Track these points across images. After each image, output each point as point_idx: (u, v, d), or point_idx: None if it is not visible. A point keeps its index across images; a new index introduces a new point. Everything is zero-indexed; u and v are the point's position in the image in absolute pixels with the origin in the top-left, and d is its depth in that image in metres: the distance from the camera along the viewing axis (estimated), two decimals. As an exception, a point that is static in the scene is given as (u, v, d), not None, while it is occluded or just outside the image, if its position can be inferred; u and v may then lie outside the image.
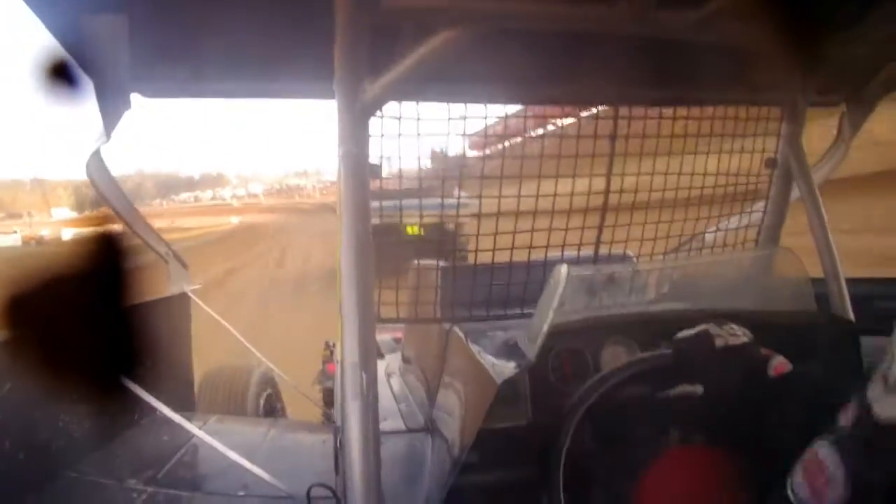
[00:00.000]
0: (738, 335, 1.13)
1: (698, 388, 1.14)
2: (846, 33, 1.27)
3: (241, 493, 1.32)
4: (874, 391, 0.77)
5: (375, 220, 1.23)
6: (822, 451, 0.77)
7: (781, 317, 1.28)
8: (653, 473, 1.16)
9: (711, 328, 1.13)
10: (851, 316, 1.39)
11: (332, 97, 0.96)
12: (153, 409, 1.38)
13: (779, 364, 1.08)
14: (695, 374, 1.15)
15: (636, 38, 1.19)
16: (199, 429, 1.39)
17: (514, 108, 1.31)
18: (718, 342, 1.12)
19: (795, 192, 1.50)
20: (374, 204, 1.24)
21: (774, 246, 1.45)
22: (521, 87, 1.30)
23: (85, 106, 1.26)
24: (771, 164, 1.48)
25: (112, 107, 1.29)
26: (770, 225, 1.47)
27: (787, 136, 1.49)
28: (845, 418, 0.80)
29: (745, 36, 1.21)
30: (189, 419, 1.43)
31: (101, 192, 1.48)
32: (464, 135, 1.27)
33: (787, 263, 1.33)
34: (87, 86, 1.24)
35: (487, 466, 1.19)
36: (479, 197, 1.26)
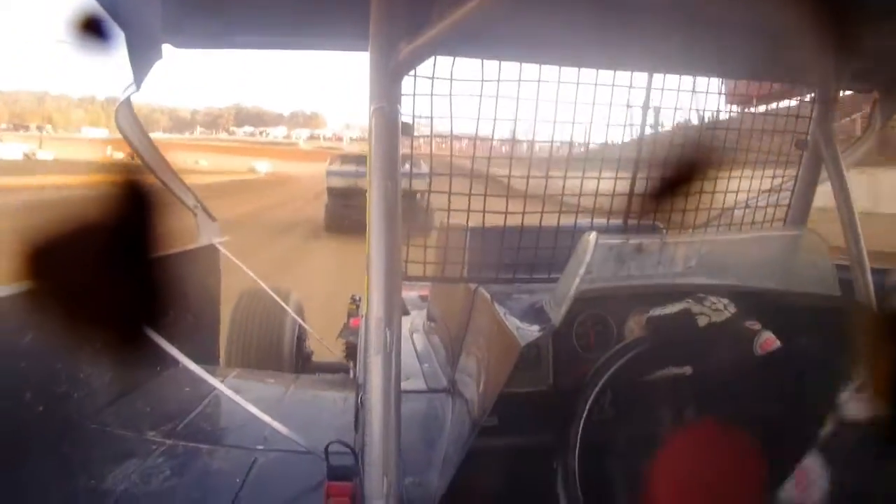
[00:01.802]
0: (721, 310, 1.12)
1: (686, 370, 1.14)
2: (883, 21, 1.25)
3: (260, 447, 1.33)
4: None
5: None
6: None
7: (804, 299, 1.28)
8: (669, 448, 1.17)
9: (693, 305, 1.13)
10: (874, 304, 1.39)
11: (367, 50, 0.95)
12: (176, 362, 1.39)
13: (766, 340, 1.08)
14: (680, 354, 1.15)
15: (675, 6, 1.18)
16: (221, 382, 1.40)
17: (548, 72, 1.29)
18: (701, 321, 1.12)
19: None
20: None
21: (802, 227, 1.44)
22: (558, 49, 1.29)
23: (116, 56, 1.26)
24: (801, 145, 1.48)
25: (143, 57, 1.29)
26: (798, 206, 1.46)
27: (819, 118, 1.48)
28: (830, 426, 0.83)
29: (782, 16, 1.20)
30: (212, 373, 1.44)
31: (131, 141, 1.48)
32: (497, 98, 1.26)
33: (813, 246, 1.33)
34: (119, 36, 1.24)
35: (506, 430, 1.20)
36: (510, 158, 1.25)
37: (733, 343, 1.08)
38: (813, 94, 1.50)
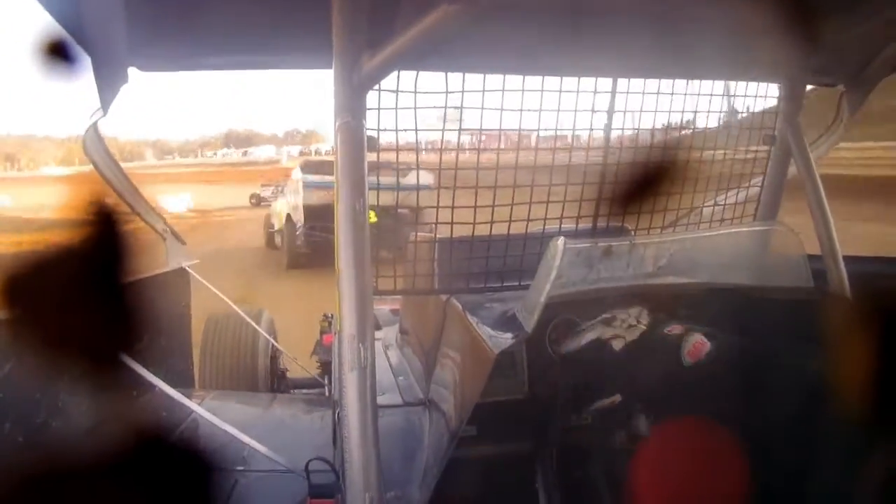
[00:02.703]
0: (635, 325, 1.12)
1: (616, 398, 1.16)
2: (847, 14, 1.26)
3: (240, 468, 1.32)
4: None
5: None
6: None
7: (777, 293, 1.29)
8: (646, 451, 1.17)
9: (604, 330, 1.13)
10: (848, 293, 1.39)
11: (331, 67, 0.95)
12: (153, 386, 1.38)
13: (694, 345, 1.08)
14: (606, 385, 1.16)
15: (638, 10, 1.19)
16: (198, 404, 1.39)
17: (512, 81, 1.30)
18: (617, 344, 1.12)
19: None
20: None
21: (772, 221, 1.45)
22: (521, 58, 1.30)
23: (82, 81, 1.26)
24: (769, 140, 1.49)
25: (109, 81, 1.29)
26: (767, 201, 1.47)
27: (786, 113, 1.49)
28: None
29: (746, 12, 1.21)
30: (188, 395, 1.43)
31: (98, 167, 1.48)
32: (461, 108, 1.27)
33: (784, 239, 1.33)
34: (85, 61, 1.24)
35: (485, 439, 1.20)
36: (476, 169, 1.26)
37: (660, 356, 1.09)
38: (779, 90, 1.52)
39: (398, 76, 1.23)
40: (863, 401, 0.80)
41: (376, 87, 1.19)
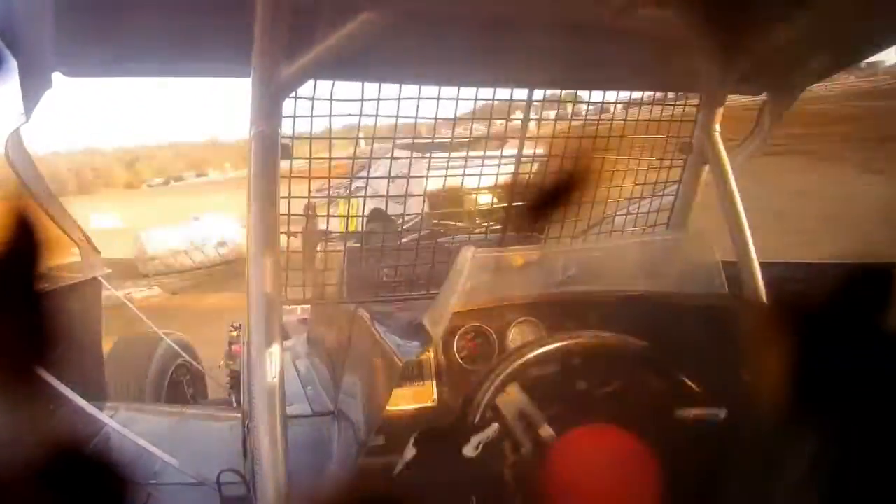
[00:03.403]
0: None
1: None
2: (768, 23, 1.28)
3: (152, 482, 1.30)
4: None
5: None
6: None
7: (691, 299, 1.31)
8: (559, 453, 1.18)
9: None
10: (764, 299, 1.42)
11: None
12: (66, 398, 1.35)
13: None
14: None
15: (554, 21, 1.20)
16: (111, 417, 1.37)
17: (427, 91, 1.30)
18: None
19: None
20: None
21: (685, 228, 1.48)
22: (437, 69, 1.30)
23: (6, 85, 1.23)
24: (685, 148, 1.51)
25: (33, 86, 1.26)
26: (681, 208, 1.50)
27: (703, 122, 1.51)
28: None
29: (665, 23, 1.23)
30: (102, 408, 1.41)
31: (19, 173, 1.45)
32: (376, 117, 1.27)
33: (697, 246, 1.36)
34: (11, 64, 1.21)
35: (393, 449, 1.20)
36: (388, 178, 1.26)
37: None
38: (698, 99, 1.54)
39: (314, 85, 1.24)
40: (779, 402, 0.82)
41: (292, 95, 1.19)
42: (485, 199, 1.32)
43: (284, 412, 0.86)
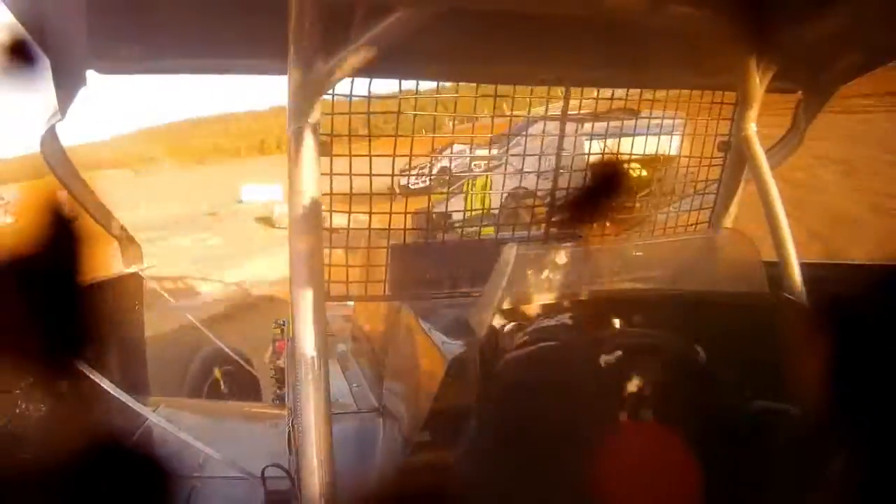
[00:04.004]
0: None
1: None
2: (804, 21, 1.28)
3: (196, 475, 1.31)
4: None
5: None
6: None
7: (732, 298, 1.29)
8: (601, 450, 1.17)
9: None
10: (804, 299, 1.41)
11: (286, 74, 0.96)
12: (108, 392, 1.36)
13: None
14: None
15: (592, 19, 1.20)
16: (153, 411, 1.38)
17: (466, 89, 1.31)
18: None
19: None
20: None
21: (727, 227, 1.47)
22: (475, 65, 1.31)
23: (41, 83, 1.25)
24: (724, 147, 1.50)
25: (68, 84, 1.28)
26: (722, 208, 1.48)
27: (741, 120, 1.50)
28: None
29: (701, 20, 1.23)
30: (143, 402, 1.42)
31: (55, 169, 1.46)
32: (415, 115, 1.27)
33: (739, 246, 1.35)
34: (44, 63, 1.22)
35: (438, 445, 1.20)
36: (429, 176, 1.26)
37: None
38: (735, 97, 1.53)
39: (352, 83, 1.24)
40: (818, 403, 0.81)
41: (329, 92, 1.20)
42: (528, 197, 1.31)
43: (329, 408, 0.86)
